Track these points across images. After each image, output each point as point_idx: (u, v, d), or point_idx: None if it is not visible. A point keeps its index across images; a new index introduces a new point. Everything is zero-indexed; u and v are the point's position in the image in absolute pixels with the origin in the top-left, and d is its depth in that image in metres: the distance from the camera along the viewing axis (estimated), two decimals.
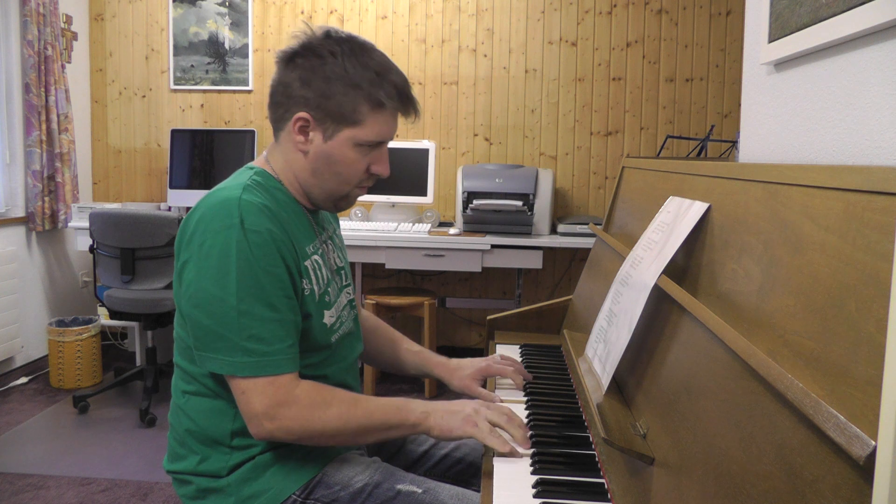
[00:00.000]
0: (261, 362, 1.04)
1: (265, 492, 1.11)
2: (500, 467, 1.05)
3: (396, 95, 1.13)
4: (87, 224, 3.15)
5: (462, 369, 1.38)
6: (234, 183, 1.11)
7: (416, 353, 1.45)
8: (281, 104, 1.14)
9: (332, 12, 3.93)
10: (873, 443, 0.50)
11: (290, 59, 1.12)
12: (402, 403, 1.11)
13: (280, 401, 1.04)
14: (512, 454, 1.07)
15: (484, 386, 1.37)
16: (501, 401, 1.31)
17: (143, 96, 4.08)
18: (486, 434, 1.07)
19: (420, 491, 1.13)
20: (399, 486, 1.14)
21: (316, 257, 1.18)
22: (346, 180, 1.16)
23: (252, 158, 3.74)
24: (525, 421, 1.23)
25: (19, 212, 3.54)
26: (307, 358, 1.14)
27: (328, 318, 1.18)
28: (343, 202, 1.21)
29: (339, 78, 1.10)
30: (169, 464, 1.19)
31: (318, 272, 1.17)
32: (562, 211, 3.87)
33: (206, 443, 1.13)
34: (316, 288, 1.15)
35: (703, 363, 0.84)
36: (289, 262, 1.08)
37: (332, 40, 1.11)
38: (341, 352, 1.23)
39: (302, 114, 1.11)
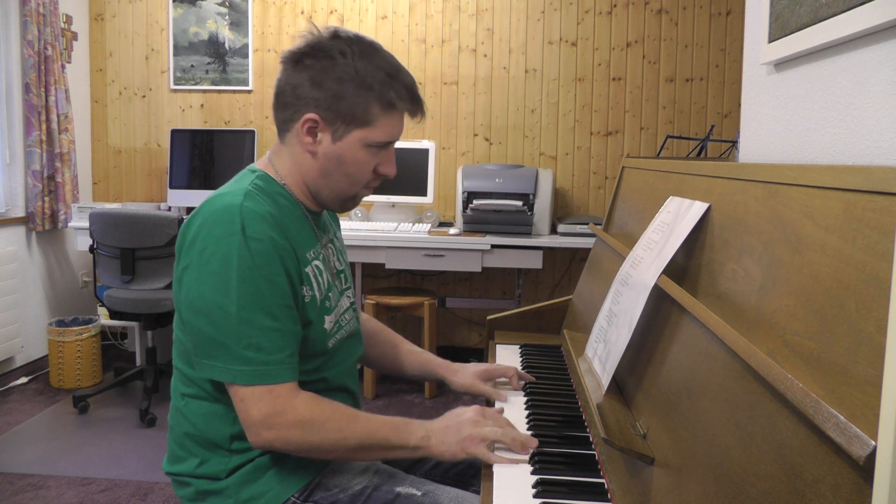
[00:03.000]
0: (259, 371, 1.03)
1: (264, 494, 1.11)
2: (500, 468, 1.05)
3: (407, 96, 1.13)
4: (87, 224, 3.15)
5: (465, 369, 1.40)
6: (236, 188, 1.10)
7: (417, 355, 1.45)
8: (289, 105, 1.12)
9: (332, 12, 3.93)
10: (873, 443, 0.50)
11: (299, 60, 1.11)
12: (403, 424, 1.09)
13: (278, 410, 1.03)
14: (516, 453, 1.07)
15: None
16: (504, 399, 1.32)
17: (143, 96, 4.08)
18: (488, 454, 1.06)
19: (419, 493, 1.13)
20: (398, 489, 1.14)
21: (317, 262, 1.17)
22: (356, 181, 1.16)
23: (252, 158, 3.74)
24: (525, 421, 1.23)
25: (19, 212, 3.54)
26: (306, 363, 1.13)
27: (328, 323, 1.18)
28: (350, 202, 1.20)
29: (350, 79, 1.09)
30: (168, 465, 1.19)
31: (319, 278, 1.17)
32: (562, 211, 3.87)
33: (205, 446, 1.13)
34: (317, 294, 1.15)
35: (703, 363, 0.84)
36: (290, 270, 1.08)
37: (342, 40, 1.10)
38: (340, 355, 1.23)
39: (311, 115, 1.10)
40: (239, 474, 1.12)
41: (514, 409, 1.29)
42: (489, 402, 1.34)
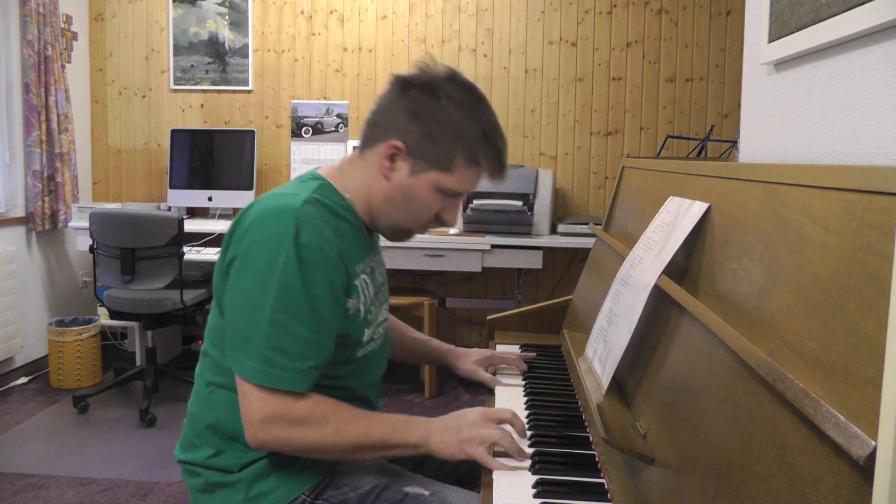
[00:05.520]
0: (276, 374, 1.03)
1: (274, 490, 1.12)
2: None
3: (494, 159, 1.14)
4: (87, 224, 3.15)
5: (469, 355, 1.47)
6: (297, 192, 1.10)
7: (423, 342, 1.50)
8: (380, 125, 1.14)
9: (332, 12, 3.93)
10: (873, 443, 0.50)
11: (406, 87, 1.12)
12: (403, 422, 1.09)
13: (278, 414, 1.03)
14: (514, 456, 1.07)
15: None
16: (499, 384, 1.41)
17: (143, 96, 4.08)
18: (486, 458, 1.06)
19: (428, 493, 1.13)
20: (407, 489, 1.14)
21: (364, 276, 1.17)
22: (416, 218, 1.17)
23: (252, 159, 3.74)
24: (525, 421, 1.23)
25: (19, 212, 3.54)
26: (334, 369, 1.13)
27: (366, 336, 1.18)
28: (403, 235, 1.21)
29: (446, 123, 1.10)
30: (181, 452, 1.19)
31: (366, 291, 1.17)
32: (562, 211, 3.87)
33: (222, 437, 1.14)
34: (362, 308, 1.15)
35: (703, 363, 0.84)
36: (336, 283, 1.08)
37: (454, 85, 1.12)
38: (369, 367, 1.23)
39: (398, 143, 1.11)
40: (251, 469, 1.12)
41: (515, 409, 1.28)
42: (490, 390, 1.41)
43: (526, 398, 1.35)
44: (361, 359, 1.19)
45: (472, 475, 1.32)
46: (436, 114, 1.10)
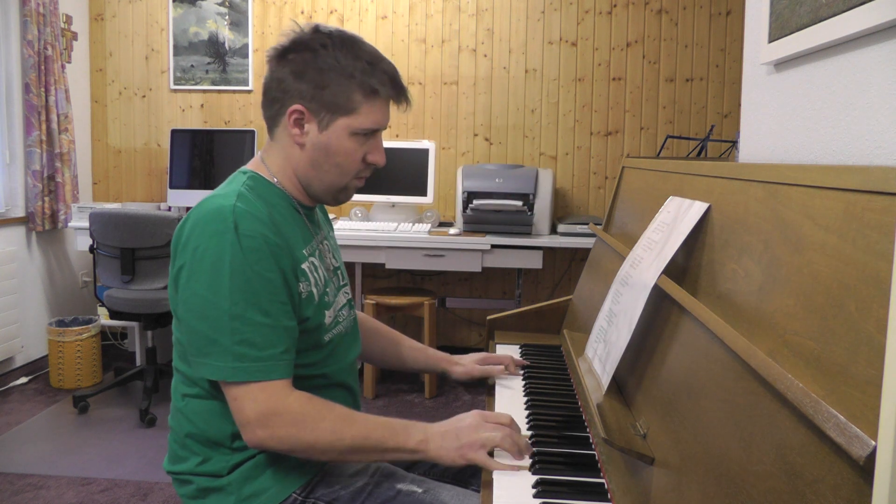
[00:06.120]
0: (252, 367, 1.03)
1: (266, 490, 1.11)
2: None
3: (389, 82, 1.15)
4: (87, 224, 3.15)
5: (463, 359, 1.49)
6: (228, 190, 1.12)
7: (419, 350, 1.51)
8: (276, 100, 1.15)
9: (332, 12, 3.93)
10: (873, 443, 0.50)
11: (282, 56, 1.14)
12: (401, 427, 1.09)
13: (272, 408, 1.03)
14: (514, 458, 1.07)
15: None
16: (498, 373, 1.45)
17: (143, 96, 4.08)
18: (487, 460, 1.06)
19: (420, 490, 1.13)
20: (399, 486, 1.14)
21: (313, 259, 1.18)
22: (345, 171, 1.17)
23: (252, 158, 3.73)
24: (525, 421, 1.23)
25: (19, 212, 3.54)
26: (305, 357, 1.14)
27: (328, 317, 1.18)
28: (342, 194, 1.21)
29: (332, 68, 1.11)
30: (170, 465, 1.19)
31: (316, 273, 1.17)
32: (562, 211, 3.87)
33: (206, 445, 1.13)
34: (315, 290, 1.15)
35: (703, 363, 0.84)
36: (284, 267, 1.08)
37: (322, 34, 1.13)
38: (340, 351, 1.23)
39: (297, 106, 1.12)
40: (240, 471, 1.12)
41: (515, 410, 1.29)
42: (490, 391, 1.41)
43: (526, 398, 1.35)
44: (330, 343, 1.19)
45: (466, 473, 1.32)
46: (317, 64, 1.11)
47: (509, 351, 1.65)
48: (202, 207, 1.09)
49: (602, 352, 1.16)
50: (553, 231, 3.49)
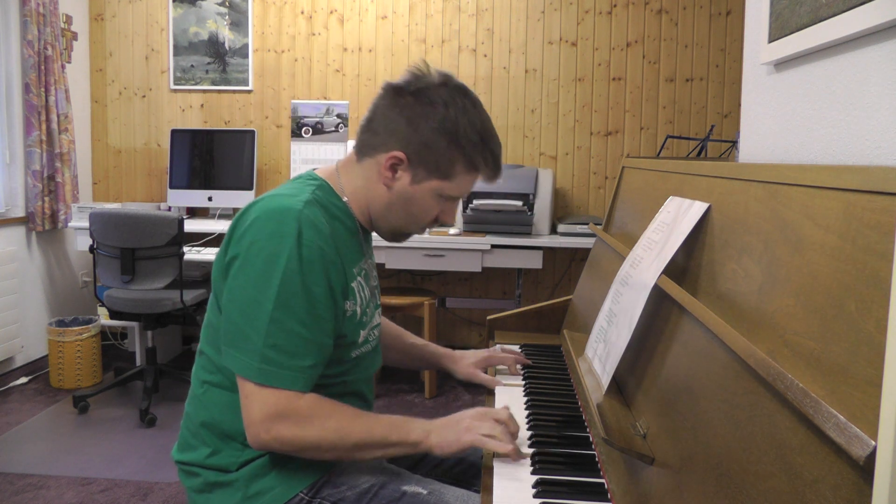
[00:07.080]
0: (275, 373, 1.03)
1: (272, 489, 1.12)
2: (500, 468, 1.05)
3: (492, 163, 1.16)
4: (87, 224, 3.14)
5: (466, 358, 1.47)
6: (296, 192, 1.11)
7: (421, 347, 1.51)
8: (379, 134, 1.14)
9: (332, 12, 3.93)
10: (873, 443, 0.50)
11: (400, 94, 1.13)
12: (403, 422, 1.10)
13: (279, 413, 1.04)
14: (510, 455, 1.07)
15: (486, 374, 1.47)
16: (499, 384, 1.43)
17: (143, 96, 4.08)
18: (484, 439, 1.06)
19: (425, 492, 1.14)
20: (405, 487, 1.14)
21: (360, 279, 1.19)
22: (416, 222, 1.20)
23: (252, 158, 3.73)
24: (525, 421, 1.23)
25: (19, 212, 3.54)
26: (328, 369, 1.14)
27: (361, 336, 1.19)
28: (401, 237, 1.24)
29: (446, 132, 1.11)
30: (178, 453, 1.19)
31: (362, 293, 1.19)
32: (562, 211, 3.87)
33: (219, 436, 1.14)
34: (358, 309, 1.16)
35: (703, 363, 0.84)
36: (334, 284, 1.09)
37: (448, 90, 1.12)
38: (363, 364, 1.24)
39: (399, 154, 1.12)
40: (249, 468, 1.12)
41: (515, 409, 1.28)
42: (490, 391, 1.41)
43: (526, 398, 1.35)
44: (356, 359, 1.20)
45: (470, 474, 1.32)
46: (433, 122, 1.11)
47: (508, 351, 1.65)
48: (268, 203, 1.08)
49: (602, 352, 1.16)
50: (553, 231, 3.49)
